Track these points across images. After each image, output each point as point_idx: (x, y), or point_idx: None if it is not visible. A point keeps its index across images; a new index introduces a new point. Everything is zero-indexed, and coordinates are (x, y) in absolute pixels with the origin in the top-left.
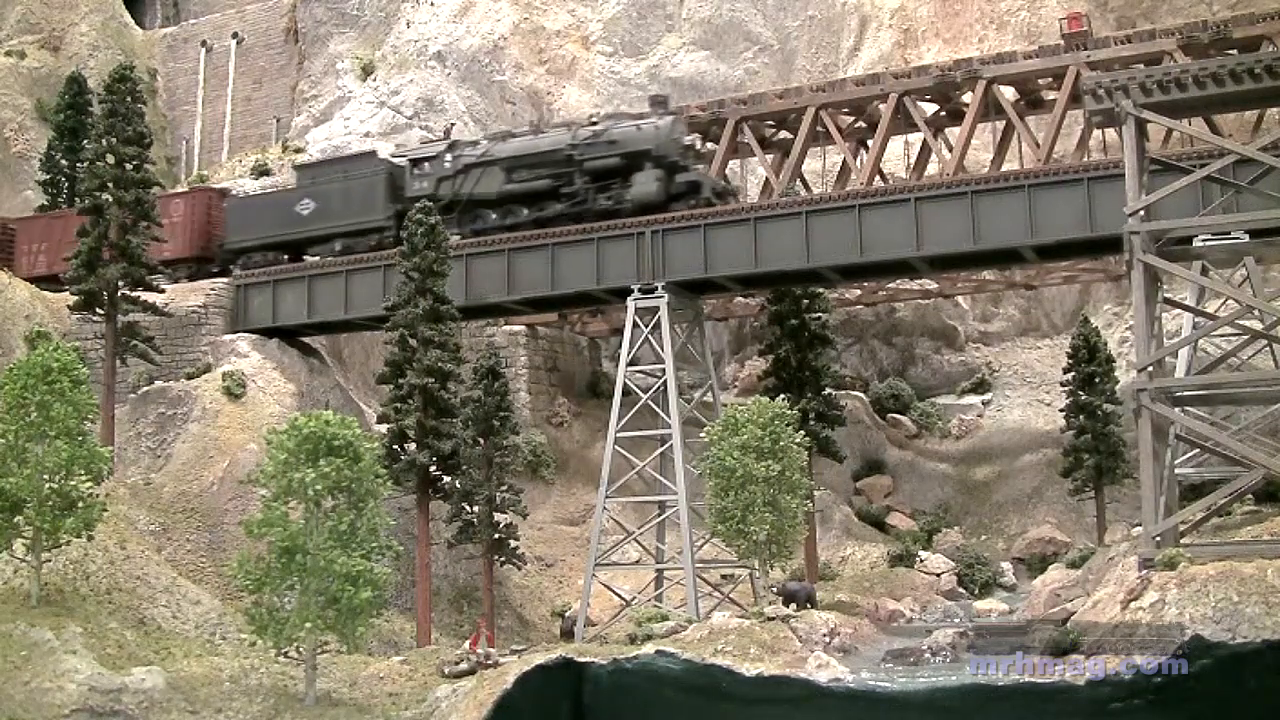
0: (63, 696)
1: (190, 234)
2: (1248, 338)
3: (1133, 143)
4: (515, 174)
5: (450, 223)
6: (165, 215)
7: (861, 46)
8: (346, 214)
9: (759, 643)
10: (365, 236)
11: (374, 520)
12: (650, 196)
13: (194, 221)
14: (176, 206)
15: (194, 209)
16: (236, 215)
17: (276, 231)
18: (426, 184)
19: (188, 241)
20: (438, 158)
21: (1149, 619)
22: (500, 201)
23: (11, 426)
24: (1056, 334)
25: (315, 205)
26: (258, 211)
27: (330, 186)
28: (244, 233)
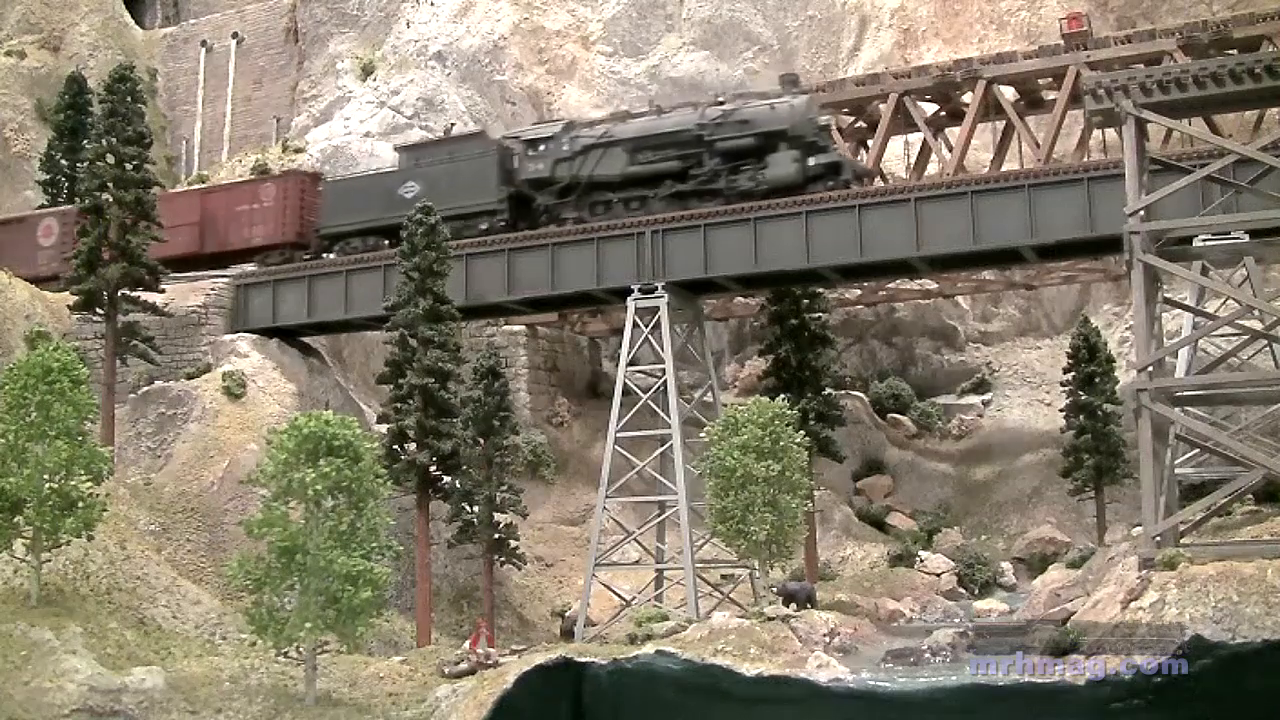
0: (63, 696)
1: (283, 218)
2: (1248, 338)
3: (1133, 143)
4: (639, 155)
5: (568, 206)
6: (255, 200)
7: (861, 46)
8: (455, 197)
9: (759, 643)
10: (476, 220)
11: (374, 520)
12: (788, 178)
13: (287, 205)
14: (268, 190)
15: (287, 192)
16: (334, 199)
17: (378, 215)
18: (543, 165)
19: (281, 226)
20: (554, 139)
21: (1149, 619)
22: (623, 184)
23: (11, 426)
24: (1056, 334)
25: (420, 188)
26: (357, 195)
27: (437, 168)
28: (342, 217)
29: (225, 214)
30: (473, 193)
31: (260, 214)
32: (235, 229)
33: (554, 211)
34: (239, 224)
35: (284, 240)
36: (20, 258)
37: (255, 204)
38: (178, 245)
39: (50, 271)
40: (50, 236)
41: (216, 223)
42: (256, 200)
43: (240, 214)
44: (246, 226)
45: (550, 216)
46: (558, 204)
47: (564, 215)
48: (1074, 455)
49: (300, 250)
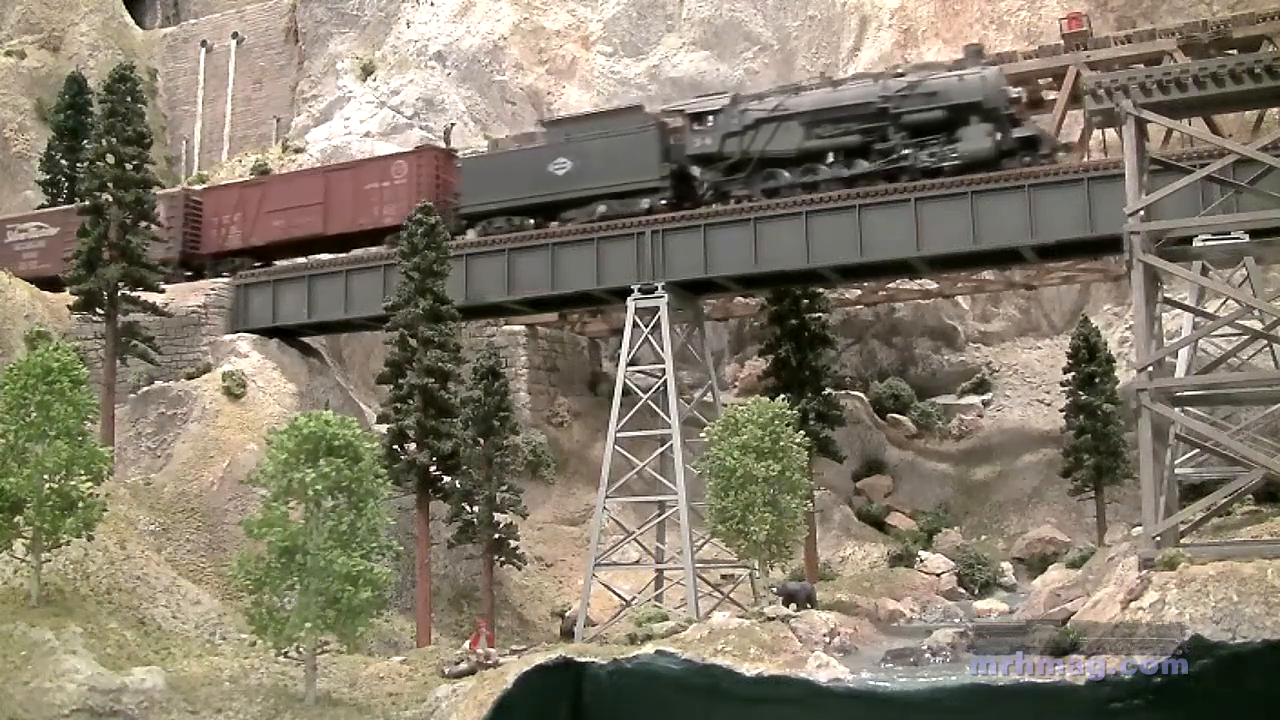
0: (63, 696)
1: (417, 197)
2: (1248, 338)
3: (1133, 143)
4: (817, 129)
5: (736, 183)
6: (386, 177)
7: (861, 46)
8: (611, 174)
9: (759, 643)
10: (634, 199)
11: (374, 520)
12: (983, 153)
13: (420, 182)
14: (399, 167)
15: (420, 168)
16: (474, 176)
17: (525, 194)
18: (710, 140)
19: (414, 204)
20: (723, 112)
21: (1149, 619)
22: (798, 160)
23: (11, 426)
24: (1056, 334)
25: (573, 164)
26: (501, 172)
27: (591, 144)
28: (484, 195)
29: (351, 193)
30: (631, 169)
31: (391, 192)
32: (363, 209)
33: (719, 189)
34: (367, 203)
35: None
36: None
37: (385, 182)
38: (299, 227)
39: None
40: None
41: (342, 202)
42: (386, 178)
43: (369, 193)
44: (376, 206)
45: (716, 194)
46: (724, 181)
47: (732, 193)
48: (1074, 455)
49: None
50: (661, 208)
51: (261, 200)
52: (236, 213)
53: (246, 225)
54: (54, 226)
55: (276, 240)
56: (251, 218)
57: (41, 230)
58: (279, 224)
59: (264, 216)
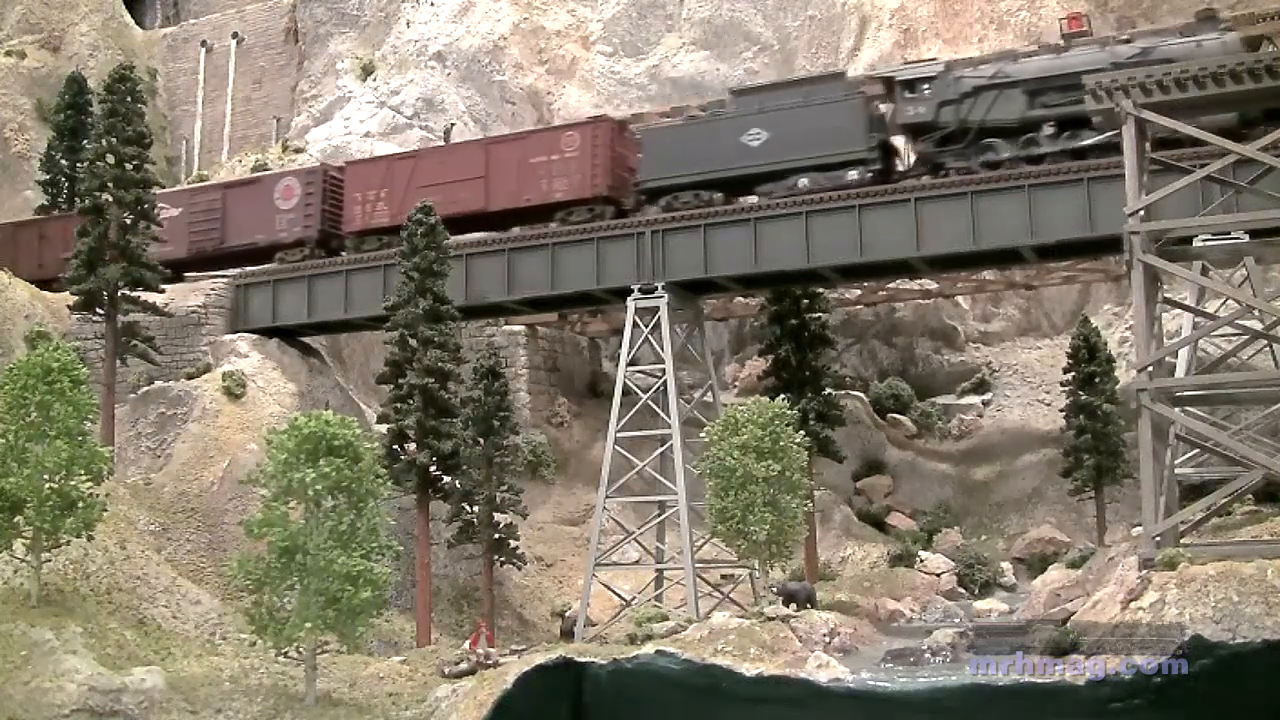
0: (63, 696)
1: (591, 170)
2: (1248, 338)
3: (1133, 143)
4: (1041, 97)
5: (950, 154)
6: (554, 150)
7: (861, 46)
8: (812, 145)
9: (759, 643)
10: (838, 171)
11: (374, 520)
12: (1229, 124)
13: (596, 155)
14: (570, 139)
15: (595, 141)
16: (657, 148)
17: (715, 166)
18: (924, 109)
19: (589, 179)
20: (938, 79)
21: (1149, 619)
22: (1019, 130)
23: (11, 426)
24: (1056, 334)
25: (769, 135)
26: (687, 143)
27: (789, 113)
28: (668, 168)
29: (516, 166)
30: (835, 140)
31: (561, 165)
32: (530, 183)
33: (932, 161)
34: (534, 177)
35: (593, 195)
36: (258, 223)
37: (554, 154)
38: (457, 203)
39: (291, 238)
40: (291, 198)
41: (505, 176)
42: (556, 150)
43: (536, 166)
44: (545, 180)
45: (928, 167)
46: (937, 152)
47: (946, 165)
48: (1074, 455)
49: (611, 205)
50: (869, 180)
51: (413, 174)
52: (384, 188)
53: (396, 201)
54: (175, 207)
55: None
56: (401, 193)
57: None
58: (434, 200)
59: (416, 192)
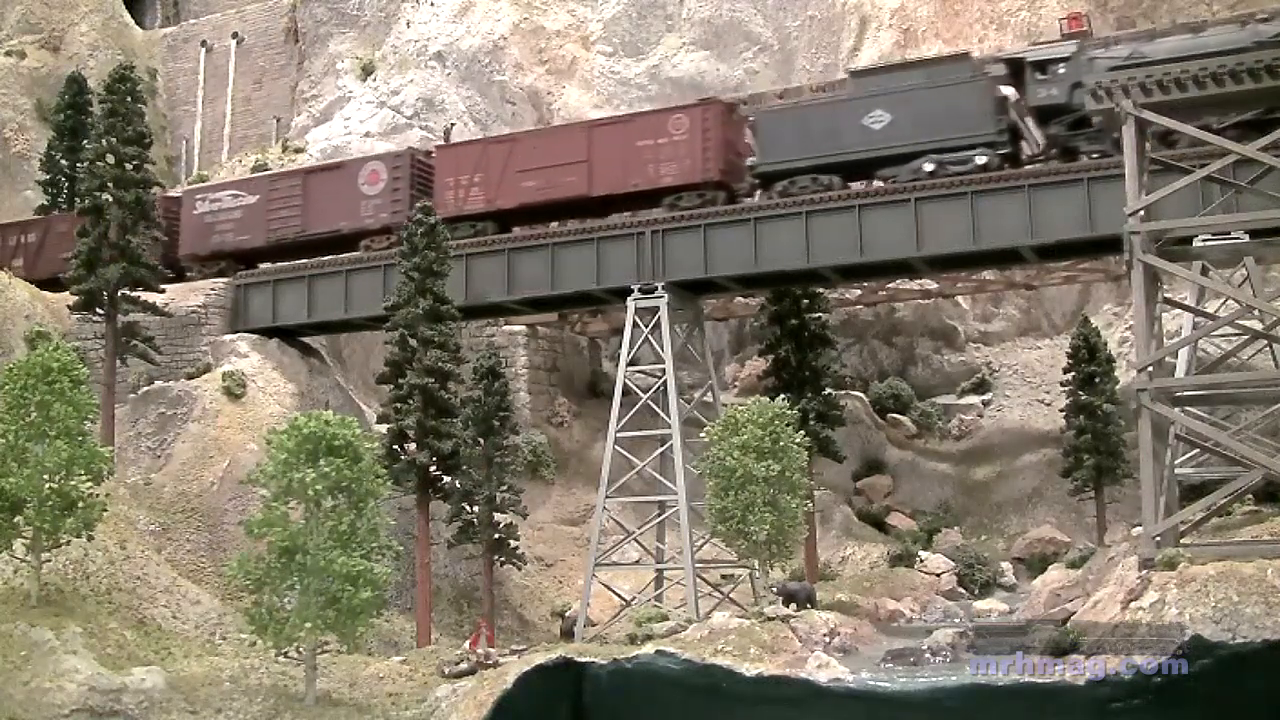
0: (63, 696)
1: (703, 154)
2: (1248, 338)
3: (1133, 143)
4: None
5: (1084, 138)
6: (663, 133)
7: (861, 46)
8: (938, 128)
9: (759, 643)
10: (967, 154)
11: (374, 520)
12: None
13: (707, 139)
14: (679, 122)
15: (706, 123)
16: (772, 130)
17: (834, 150)
18: (1056, 91)
19: (700, 163)
20: (1071, 60)
21: (1149, 619)
22: None
23: (11, 426)
24: (1056, 334)
25: (891, 117)
26: (804, 126)
27: (913, 94)
28: (784, 152)
29: (621, 150)
30: (962, 122)
31: (670, 149)
32: (636, 168)
33: (1064, 145)
34: (640, 161)
35: (704, 179)
36: (342, 209)
37: (662, 138)
38: (558, 188)
39: (378, 224)
40: (377, 183)
41: (609, 161)
42: (663, 133)
43: (642, 150)
44: (652, 164)
45: (1059, 150)
46: (1070, 136)
47: (1080, 149)
48: (1074, 455)
49: (723, 191)
50: (997, 164)
51: (509, 159)
52: (478, 173)
53: (491, 186)
54: (253, 194)
55: (529, 203)
56: (497, 178)
57: (239, 199)
58: (532, 184)
59: (513, 176)
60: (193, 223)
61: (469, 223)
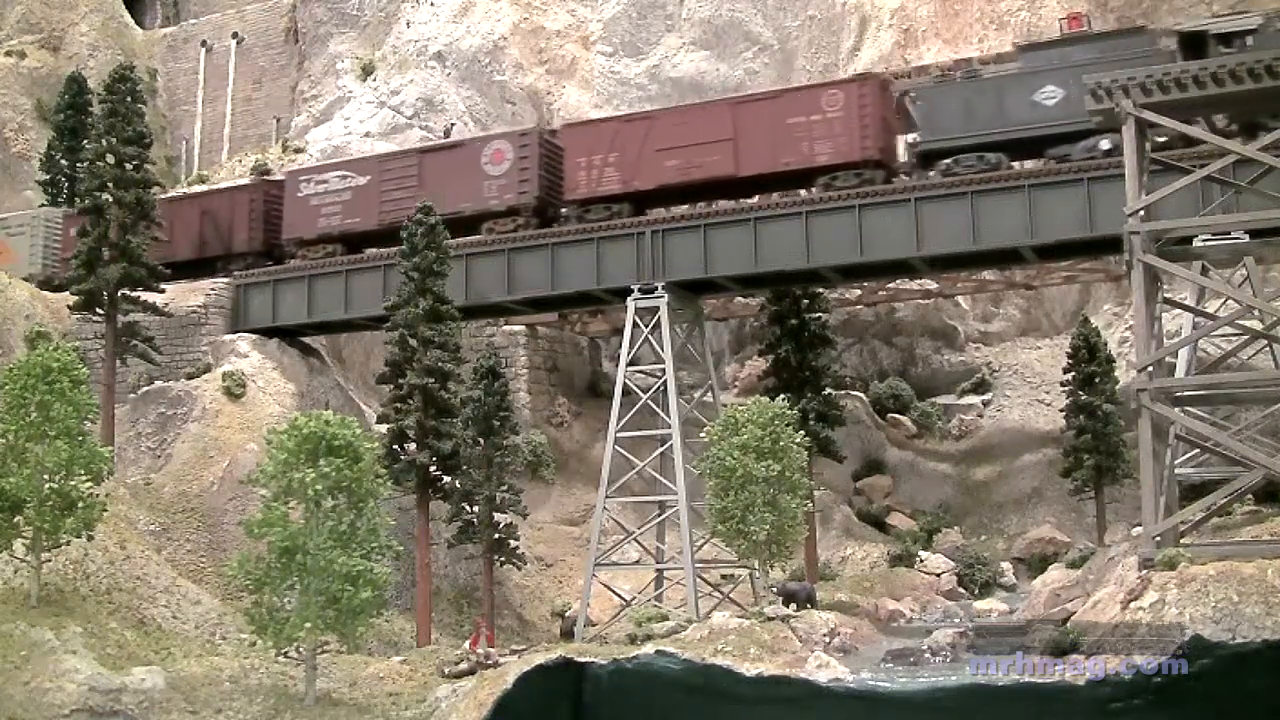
0: (63, 696)
1: (860, 131)
2: (1248, 338)
3: (1133, 143)
4: None
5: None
6: (815, 110)
7: (861, 46)
8: None
9: (759, 643)
10: None
11: (374, 520)
12: None
13: (864, 115)
14: (833, 97)
15: (863, 99)
16: (935, 107)
17: (1003, 127)
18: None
19: (857, 141)
20: (1258, 31)
21: (1149, 619)
22: None
23: (11, 426)
24: (1056, 334)
25: (1065, 93)
26: (970, 101)
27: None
28: (949, 128)
29: (769, 128)
30: None
31: (823, 126)
32: (787, 145)
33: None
34: (792, 139)
35: (862, 158)
36: (463, 190)
37: (814, 115)
38: (701, 168)
39: (503, 205)
40: (502, 162)
41: (757, 139)
42: (816, 110)
43: (794, 127)
44: (805, 142)
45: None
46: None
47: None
48: (1074, 455)
49: (880, 170)
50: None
51: (647, 137)
52: (612, 152)
53: (627, 166)
54: (363, 175)
55: (670, 183)
56: (634, 157)
57: (347, 180)
58: (674, 164)
59: (652, 156)
60: (297, 206)
61: (603, 205)
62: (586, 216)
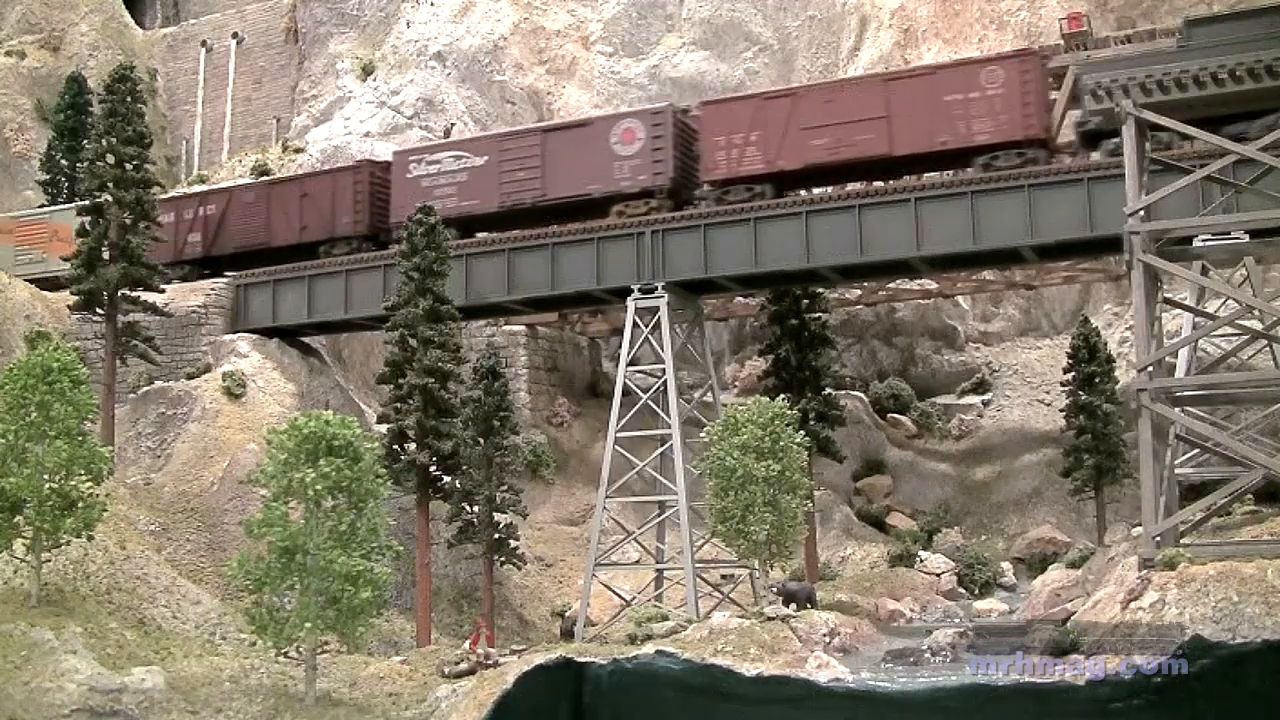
0: (63, 696)
1: (1023, 109)
2: (1248, 338)
3: (1133, 143)
4: None
5: None
6: (973, 86)
7: (861, 46)
8: None
9: (759, 643)
10: None
11: (374, 520)
12: None
13: (1027, 92)
14: (993, 74)
15: (1027, 75)
16: None
17: None
18: None
19: (1020, 119)
20: None
21: (1149, 619)
22: None
23: (11, 426)
24: (1056, 334)
25: None
26: None
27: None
28: None
29: (927, 105)
30: None
31: (983, 104)
32: (945, 123)
33: None
34: (948, 117)
35: (1025, 137)
36: (591, 171)
37: (973, 91)
38: (856, 147)
39: (636, 187)
40: (633, 142)
41: (912, 116)
42: (975, 87)
43: (951, 104)
44: (962, 120)
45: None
46: None
47: None
48: (1074, 455)
49: (1044, 149)
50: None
51: (792, 115)
52: (754, 131)
53: (771, 145)
54: (480, 155)
55: (818, 163)
56: (779, 136)
57: (462, 161)
58: (821, 143)
59: (798, 135)
60: (407, 187)
61: (744, 185)
62: (726, 198)
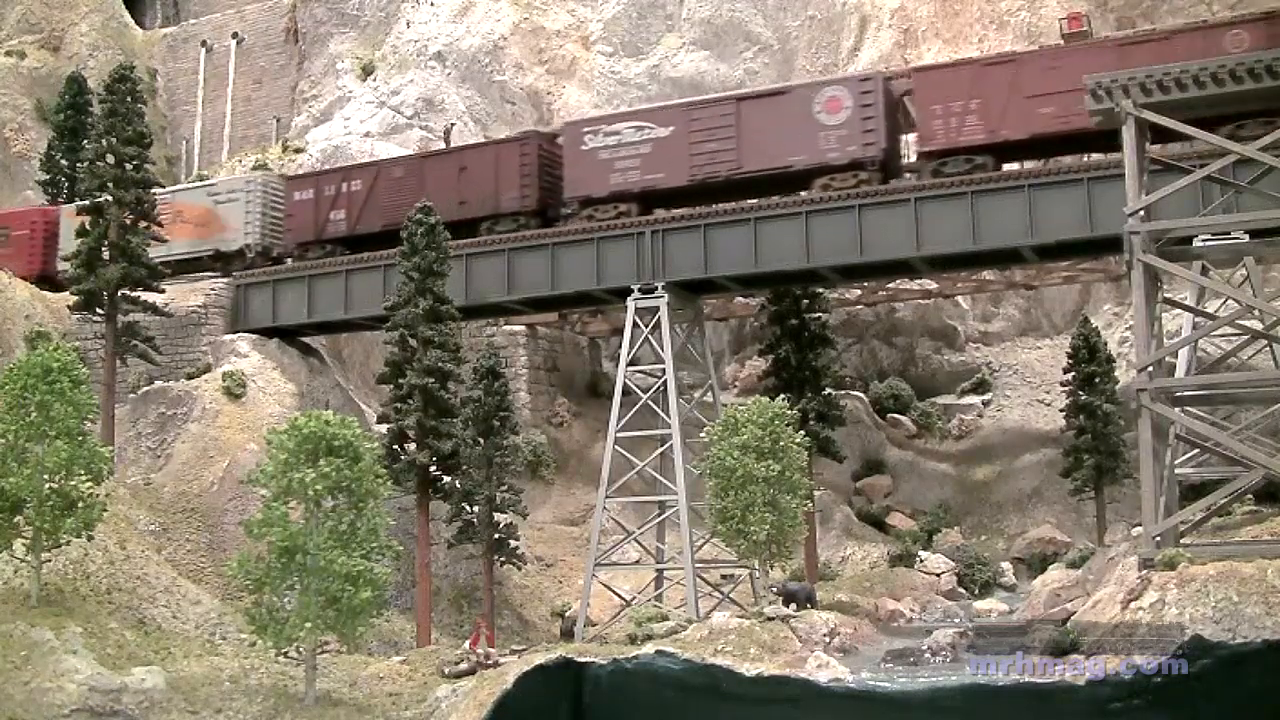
0: (63, 696)
1: None
2: (1248, 338)
3: (1133, 143)
4: None
5: None
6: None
7: (861, 46)
8: None
9: (759, 643)
10: None
11: (374, 520)
12: None
13: None
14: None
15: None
16: None
17: None
18: None
19: None
20: None
21: (1149, 619)
22: None
23: (11, 426)
24: (1056, 334)
25: None
26: None
27: None
28: None
29: None
30: None
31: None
32: None
33: None
34: None
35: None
36: (792, 142)
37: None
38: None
39: (844, 158)
40: (839, 111)
41: None
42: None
43: None
44: None
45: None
46: None
47: None
48: (1074, 455)
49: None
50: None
51: (1014, 81)
52: (973, 98)
53: (992, 114)
54: (665, 126)
55: (1045, 133)
56: (1001, 104)
57: (644, 132)
58: (1049, 111)
59: (1022, 102)
60: (582, 160)
61: (963, 156)
62: (943, 170)
